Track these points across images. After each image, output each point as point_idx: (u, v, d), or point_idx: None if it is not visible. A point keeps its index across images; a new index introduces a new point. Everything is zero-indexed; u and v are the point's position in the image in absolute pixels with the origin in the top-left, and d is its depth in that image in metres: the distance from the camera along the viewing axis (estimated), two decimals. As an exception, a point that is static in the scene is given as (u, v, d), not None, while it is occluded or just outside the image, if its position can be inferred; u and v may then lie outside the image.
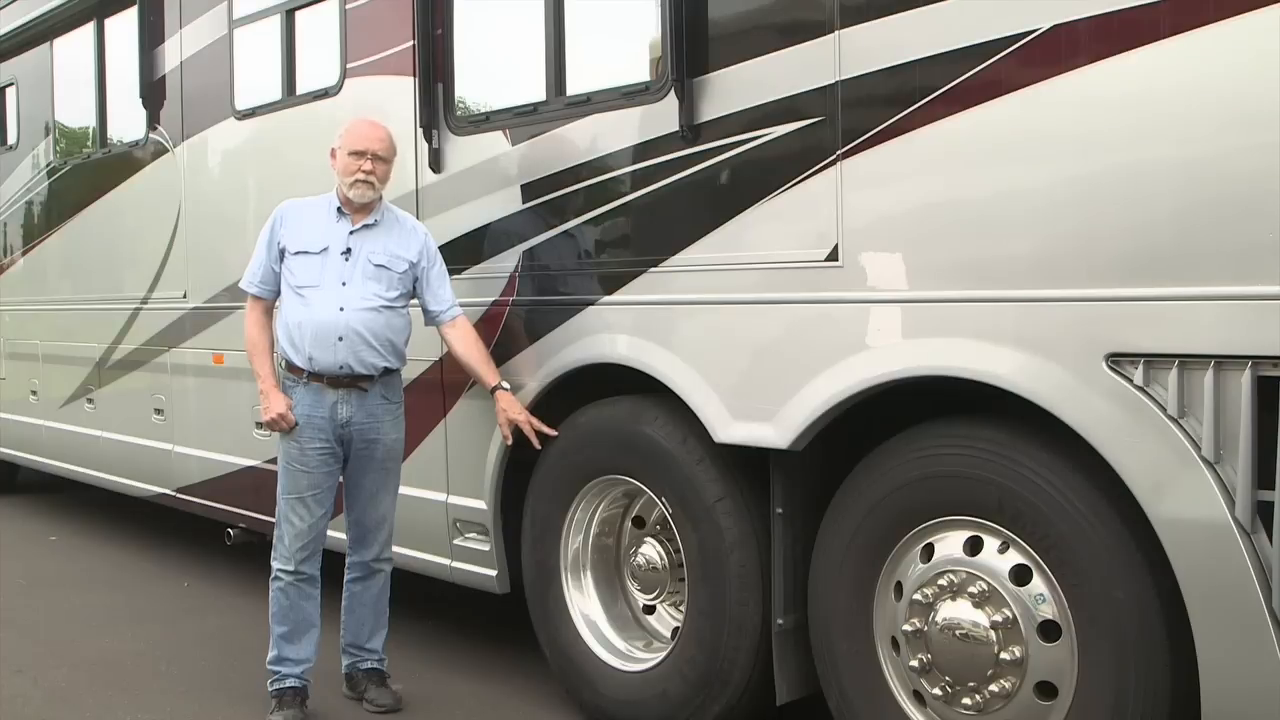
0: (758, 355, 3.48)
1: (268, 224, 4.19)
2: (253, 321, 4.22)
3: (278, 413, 4.05)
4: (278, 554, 4.15)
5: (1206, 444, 2.58)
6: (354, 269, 4.07)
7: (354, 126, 4.16)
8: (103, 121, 6.96)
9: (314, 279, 4.07)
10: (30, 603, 5.90)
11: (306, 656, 4.19)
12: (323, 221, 4.13)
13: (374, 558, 4.26)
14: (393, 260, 4.10)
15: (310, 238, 4.10)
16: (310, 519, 4.10)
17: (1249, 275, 2.50)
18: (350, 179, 4.05)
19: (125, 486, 6.85)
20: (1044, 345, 2.83)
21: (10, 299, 8.20)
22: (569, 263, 4.06)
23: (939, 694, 3.15)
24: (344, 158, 4.07)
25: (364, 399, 4.09)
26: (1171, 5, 2.61)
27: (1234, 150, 2.54)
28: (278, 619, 4.16)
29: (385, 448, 4.16)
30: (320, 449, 4.09)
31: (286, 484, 4.13)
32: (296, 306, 4.09)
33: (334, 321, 4.02)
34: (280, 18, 5.32)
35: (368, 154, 4.04)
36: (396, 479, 4.25)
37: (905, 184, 3.10)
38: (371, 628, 4.31)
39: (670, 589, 3.99)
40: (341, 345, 4.03)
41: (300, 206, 4.21)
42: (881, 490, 3.22)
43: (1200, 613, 2.62)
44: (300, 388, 4.09)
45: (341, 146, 4.11)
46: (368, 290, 4.07)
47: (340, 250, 4.08)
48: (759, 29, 3.49)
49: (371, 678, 4.31)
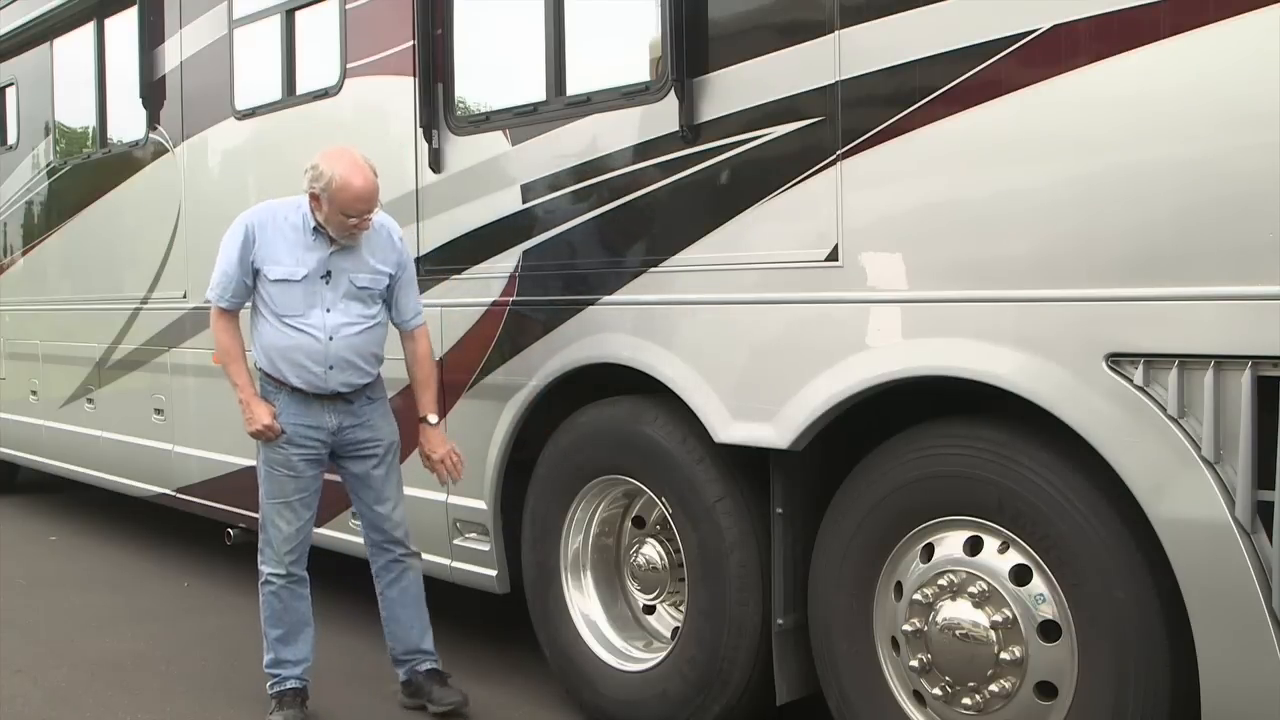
0: (758, 355, 3.48)
1: (237, 236, 3.97)
2: (224, 329, 4.06)
3: (263, 424, 3.98)
4: (266, 559, 4.11)
5: (1206, 444, 2.58)
6: (336, 292, 3.97)
7: (345, 186, 3.79)
8: (103, 121, 6.96)
9: (296, 308, 3.94)
10: (30, 603, 5.89)
11: (304, 656, 4.18)
12: (299, 242, 3.94)
13: (401, 553, 4.18)
14: (375, 279, 4.01)
15: (288, 264, 3.93)
16: (298, 523, 4.07)
17: (1249, 275, 2.50)
18: (343, 234, 3.90)
19: (125, 486, 6.85)
20: (1044, 345, 2.83)
21: (10, 299, 8.20)
22: (569, 263, 4.06)
23: (939, 694, 3.15)
24: (335, 215, 3.84)
25: (350, 405, 4.07)
26: (1171, 5, 2.61)
27: (1234, 150, 2.54)
28: (271, 622, 4.13)
29: (380, 443, 4.14)
30: (307, 454, 4.05)
31: (272, 489, 4.07)
32: (278, 333, 3.97)
33: (322, 352, 3.95)
34: (280, 18, 5.31)
35: (360, 215, 3.87)
36: (398, 471, 4.21)
37: (905, 184, 3.10)
38: (420, 629, 4.22)
39: (670, 589, 3.99)
40: (332, 373, 3.98)
41: (272, 222, 3.98)
42: (881, 490, 3.22)
43: (1200, 613, 2.62)
44: (284, 395, 4.03)
45: (330, 202, 3.82)
46: (352, 313, 3.99)
47: (320, 274, 3.94)
48: (759, 29, 3.50)
49: (433, 679, 4.21)
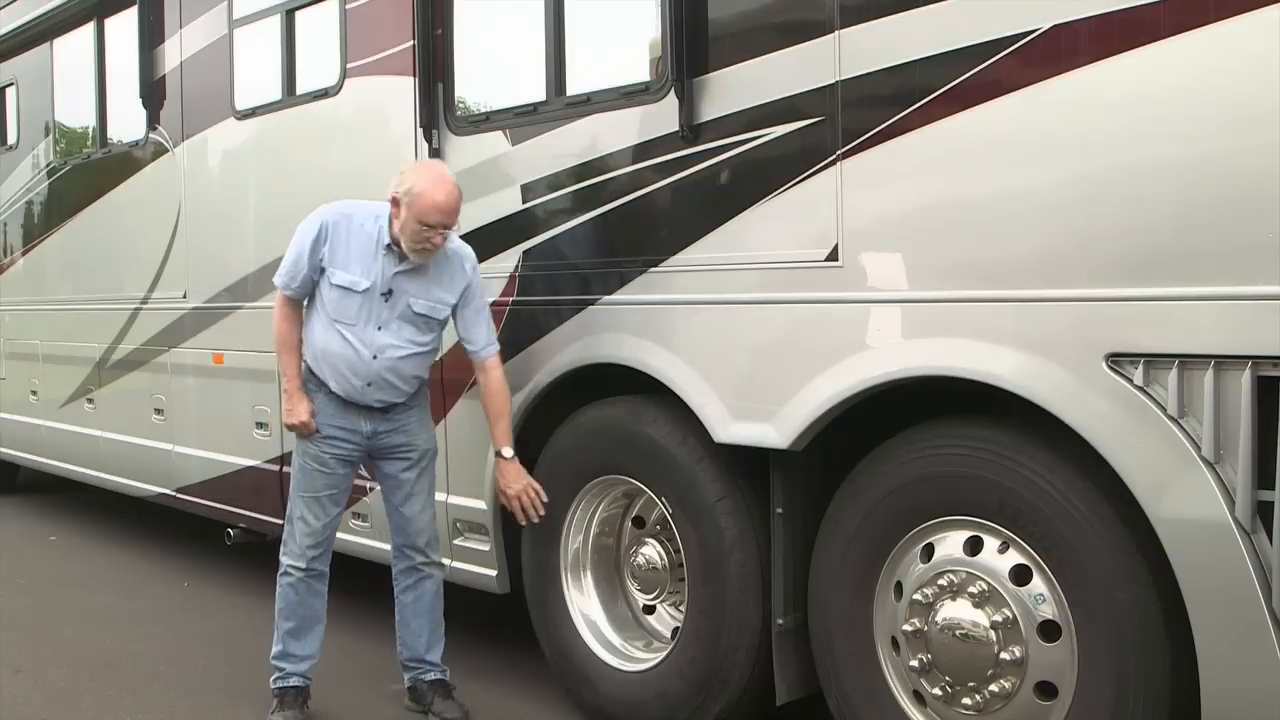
0: (758, 355, 3.48)
1: (311, 230, 3.94)
2: (284, 317, 4.05)
3: (300, 420, 4.00)
4: (288, 550, 4.11)
5: (1206, 444, 2.58)
6: (392, 313, 3.94)
7: (429, 193, 3.74)
8: (103, 121, 6.96)
9: (350, 318, 3.93)
10: (30, 603, 5.89)
11: (311, 652, 4.17)
12: (370, 253, 3.90)
13: (421, 561, 4.16)
14: (434, 308, 3.97)
15: (355, 272, 3.90)
16: (325, 518, 4.08)
17: (1249, 275, 2.50)
18: (415, 245, 3.81)
19: (125, 486, 6.84)
20: (1044, 345, 2.83)
21: (10, 299, 8.20)
22: (569, 263, 4.06)
23: (939, 694, 3.15)
24: (410, 222, 3.77)
25: (385, 413, 4.07)
26: (1171, 5, 2.61)
27: (1234, 150, 2.54)
28: (285, 614, 4.13)
29: (414, 449, 4.12)
30: (340, 454, 4.06)
31: (303, 483, 4.08)
32: (328, 336, 3.97)
33: (365, 368, 3.95)
34: (280, 18, 5.31)
35: (438, 227, 3.80)
36: (431, 477, 4.19)
37: (905, 184, 3.10)
38: (429, 639, 4.20)
39: (670, 589, 3.99)
40: (369, 390, 3.99)
41: (348, 225, 3.93)
42: (881, 490, 3.22)
43: (1200, 613, 2.62)
44: (324, 395, 4.04)
45: (408, 206, 3.77)
46: (402, 336, 3.96)
47: (382, 290, 3.91)
48: (759, 29, 3.49)
49: (437, 690, 4.19)
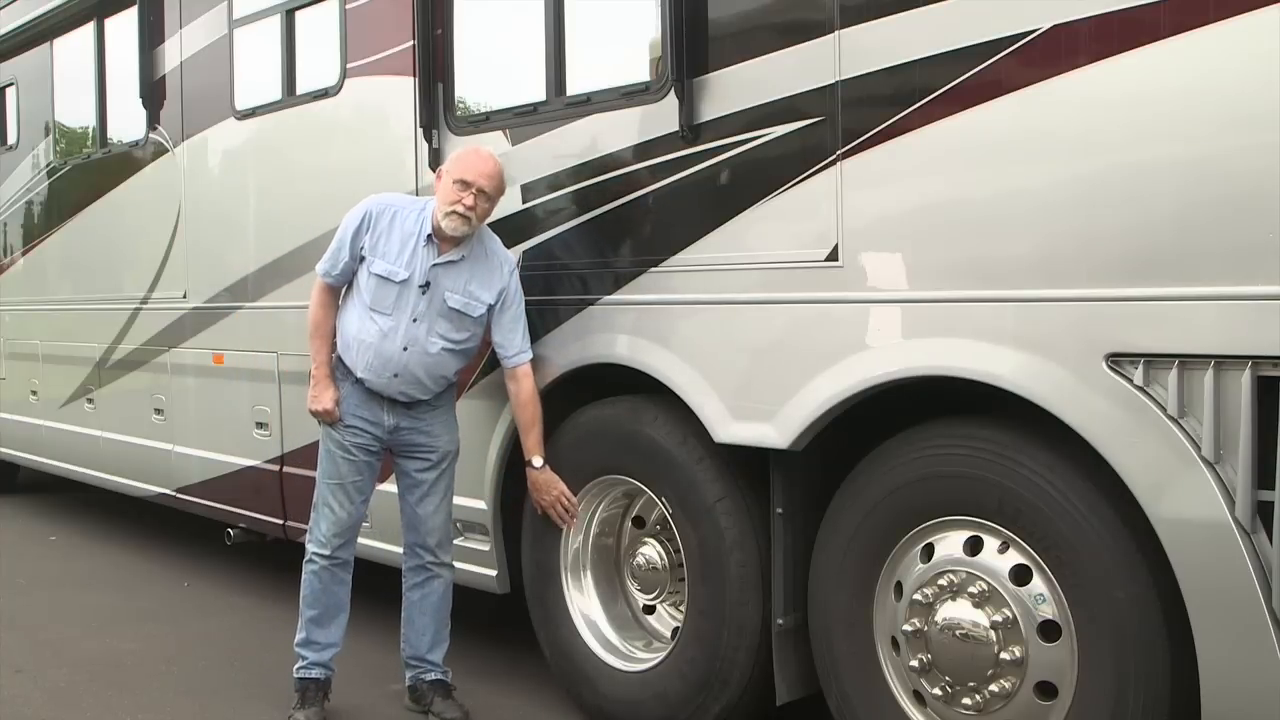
0: (758, 355, 3.48)
1: (355, 218, 3.99)
2: (320, 303, 4.09)
3: (324, 408, 4.03)
4: (313, 539, 4.13)
5: (1206, 444, 2.58)
6: (429, 306, 3.94)
7: (466, 154, 3.95)
8: (103, 121, 6.96)
9: (386, 307, 3.95)
10: (30, 603, 5.89)
11: (334, 641, 4.18)
12: (410, 244, 3.93)
13: (430, 560, 4.16)
14: (469, 304, 3.96)
15: (395, 262, 3.93)
16: (350, 506, 4.09)
17: (1249, 275, 2.50)
18: (448, 208, 3.83)
19: (125, 486, 6.84)
20: (1044, 345, 2.83)
21: (10, 299, 8.20)
22: (569, 263, 4.06)
23: (939, 694, 3.15)
24: (448, 183, 3.86)
25: (409, 409, 4.08)
26: (1171, 5, 2.61)
27: (1234, 150, 2.54)
28: (309, 602, 4.14)
29: (434, 450, 4.12)
30: (364, 443, 4.07)
31: (329, 469, 4.10)
32: (361, 323, 3.99)
33: (395, 359, 3.95)
34: (280, 18, 5.31)
35: (473, 187, 3.82)
36: (450, 479, 4.18)
37: (905, 184, 3.10)
38: (432, 639, 4.20)
39: (670, 589, 3.99)
40: (396, 380, 3.99)
41: (393, 216, 3.98)
42: (881, 490, 3.22)
43: (1200, 613, 2.62)
44: (349, 384, 4.06)
45: (449, 170, 3.90)
46: (436, 331, 3.96)
47: (420, 283, 3.92)
48: (759, 29, 3.49)
49: (436, 690, 4.19)
